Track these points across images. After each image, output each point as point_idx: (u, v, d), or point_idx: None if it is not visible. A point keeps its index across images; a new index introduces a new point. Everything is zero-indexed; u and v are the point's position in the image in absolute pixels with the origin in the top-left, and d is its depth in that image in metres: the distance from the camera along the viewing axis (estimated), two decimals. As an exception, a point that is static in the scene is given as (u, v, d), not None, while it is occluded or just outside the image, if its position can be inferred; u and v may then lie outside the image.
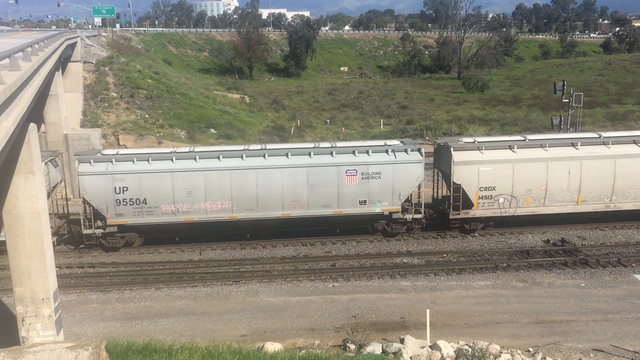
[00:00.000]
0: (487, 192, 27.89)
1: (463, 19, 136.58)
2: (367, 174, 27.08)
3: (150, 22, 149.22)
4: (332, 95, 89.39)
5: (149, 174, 26.07)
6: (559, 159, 28.00)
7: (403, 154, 27.46)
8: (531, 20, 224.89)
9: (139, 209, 26.24)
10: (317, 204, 27.19)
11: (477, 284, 23.52)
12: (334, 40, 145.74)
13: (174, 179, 26.17)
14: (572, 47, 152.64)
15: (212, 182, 26.38)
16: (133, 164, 26.16)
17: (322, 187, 26.98)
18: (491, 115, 67.63)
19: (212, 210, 26.70)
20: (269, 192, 26.75)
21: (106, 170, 25.97)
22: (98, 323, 20.62)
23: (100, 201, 26.15)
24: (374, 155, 27.26)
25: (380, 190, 27.28)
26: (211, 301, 22.34)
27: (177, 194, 26.26)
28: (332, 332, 19.76)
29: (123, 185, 25.96)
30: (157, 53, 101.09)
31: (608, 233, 28.97)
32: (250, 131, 56.99)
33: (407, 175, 27.37)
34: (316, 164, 26.92)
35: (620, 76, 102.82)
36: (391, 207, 27.66)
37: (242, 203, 26.74)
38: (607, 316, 20.64)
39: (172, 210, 26.50)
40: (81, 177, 25.95)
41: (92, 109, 54.43)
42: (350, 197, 27.20)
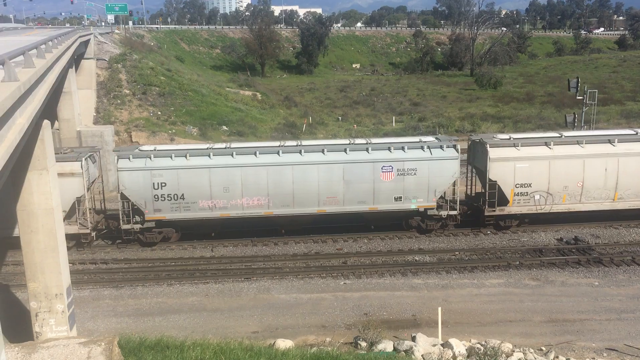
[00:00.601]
0: (523, 189, 27.81)
1: (476, 15, 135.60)
2: (402, 171, 27.10)
3: (162, 20, 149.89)
4: (344, 92, 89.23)
5: (186, 170, 26.29)
6: (596, 155, 27.82)
7: (439, 150, 27.44)
8: (545, 17, 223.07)
9: (177, 204, 26.47)
10: (352, 200, 27.25)
11: (489, 282, 23.39)
12: (346, 37, 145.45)
13: (211, 175, 26.35)
14: (587, 43, 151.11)
15: (249, 178, 26.56)
16: (171, 160, 26.34)
17: (358, 183, 27.03)
18: (504, 112, 67.15)
19: (249, 206, 26.87)
20: (305, 188, 26.85)
21: (145, 166, 26.17)
22: (110, 319, 20.76)
23: (138, 196, 26.36)
24: (409, 152, 27.26)
25: (416, 187, 27.32)
26: (223, 298, 22.41)
27: (215, 190, 26.45)
28: (343, 329, 19.75)
29: (161, 181, 26.19)
30: (169, 50, 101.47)
31: (622, 231, 28.69)
32: (262, 128, 57.06)
33: (443, 172, 27.37)
34: (352, 160, 26.99)
35: (635, 73, 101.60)
36: (426, 204, 27.67)
37: (279, 199, 26.87)
38: (621, 315, 20.44)
39: (209, 206, 26.68)
40: (120, 173, 26.18)
41: (105, 105, 54.76)
42: (385, 193, 27.24)
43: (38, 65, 16.83)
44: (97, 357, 9.15)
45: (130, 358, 10.98)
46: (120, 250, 27.32)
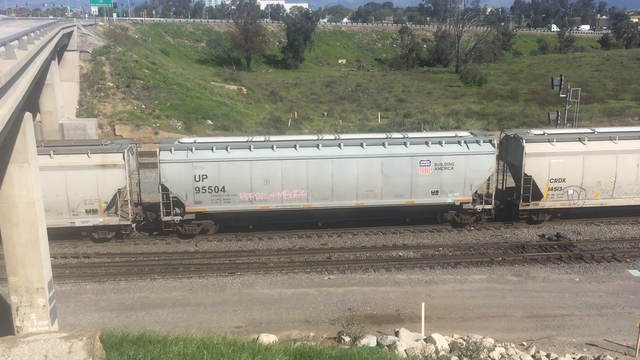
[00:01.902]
0: (557, 183, 28.20)
1: (461, 12, 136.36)
2: (440, 165, 27.28)
3: (147, 12, 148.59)
4: (329, 88, 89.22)
5: (228, 162, 26.31)
6: (629, 151, 28.28)
7: (475, 145, 27.67)
8: (529, 15, 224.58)
9: (217, 196, 26.47)
10: (390, 194, 27.41)
11: (472, 278, 23.58)
12: (332, 32, 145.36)
13: (252, 168, 26.41)
14: (570, 42, 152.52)
15: (289, 171, 26.62)
16: (212, 152, 26.34)
17: (396, 177, 27.19)
18: (488, 109, 67.62)
19: (288, 198, 26.96)
20: (344, 182, 26.98)
21: (186, 158, 26.14)
22: (93, 313, 20.61)
23: (179, 189, 26.33)
24: (447, 146, 27.45)
25: (453, 181, 27.52)
26: (206, 292, 22.34)
27: (255, 183, 26.51)
28: (327, 324, 19.80)
29: (202, 173, 26.15)
30: (154, 43, 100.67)
31: (603, 228, 29.05)
32: (247, 123, 56.88)
33: (479, 166, 27.62)
34: (391, 154, 27.13)
35: (617, 72, 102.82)
36: (462, 198, 27.91)
37: (318, 192, 26.99)
38: (601, 311, 20.72)
39: (249, 199, 26.74)
40: (162, 165, 26.09)
41: (88, 98, 54.23)
42: (423, 187, 27.44)
43: (20, 57, 16.61)
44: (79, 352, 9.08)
45: (112, 353, 10.89)
46: (104, 244, 27.11)
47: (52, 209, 25.56)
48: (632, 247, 26.78)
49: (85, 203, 25.95)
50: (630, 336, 18.60)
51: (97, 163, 25.84)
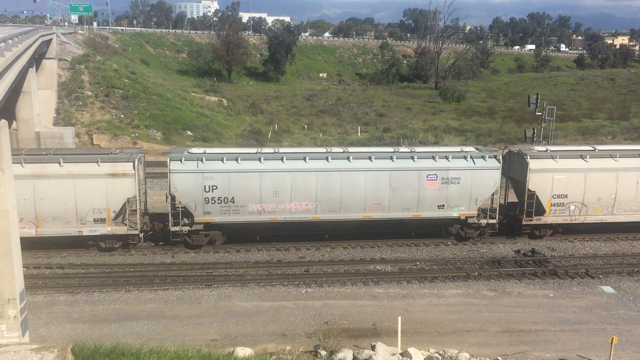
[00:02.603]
0: (560, 199, 28.67)
1: (441, 30, 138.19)
2: (447, 179, 27.59)
3: (128, 22, 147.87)
4: (310, 101, 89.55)
5: (238, 174, 26.29)
6: (629, 169, 28.89)
7: (481, 160, 28.07)
8: (507, 34, 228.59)
9: (226, 207, 26.40)
10: (397, 207, 27.62)
11: (448, 293, 23.70)
12: (314, 46, 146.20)
13: (262, 179, 26.44)
14: (547, 61, 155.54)
15: (298, 183, 26.71)
16: (222, 163, 26.30)
17: (404, 190, 27.41)
18: (467, 125, 68.46)
19: (297, 210, 26.98)
20: (352, 194, 27.10)
21: (197, 169, 26.05)
22: (65, 325, 20.23)
23: (189, 199, 26.18)
24: (453, 161, 27.79)
25: (459, 195, 27.82)
26: (182, 305, 22.11)
27: (264, 194, 26.52)
28: (303, 338, 19.70)
29: (212, 184, 26.07)
30: (134, 53, 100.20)
31: (577, 245, 29.47)
32: (227, 134, 56.77)
33: (485, 181, 27.98)
34: (399, 167, 27.41)
35: (592, 91, 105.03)
36: (467, 212, 28.25)
37: (326, 204, 27.10)
38: (575, 326, 20.97)
39: (258, 210, 26.71)
40: (172, 175, 25.91)
41: (66, 107, 53.68)
42: (429, 201, 27.70)
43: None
44: (50, 364, 8.92)
45: (85, 365, 10.72)
46: (78, 255, 26.70)
47: (60, 217, 25.49)
48: (605, 263, 27.19)
49: (93, 212, 25.70)
50: (603, 352, 18.83)
51: (107, 172, 25.62)
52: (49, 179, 25.03)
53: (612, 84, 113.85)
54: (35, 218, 25.31)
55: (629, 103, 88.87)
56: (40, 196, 25.05)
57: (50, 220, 25.47)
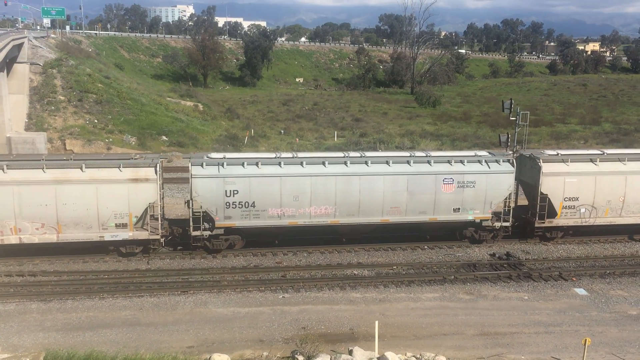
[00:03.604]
0: (571, 202, 29.35)
1: (417, 35, 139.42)
2: (462, 183, 28.10)
3: (102, 26, 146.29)
4: (286, 106, 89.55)
5: (259, 178, 26.51)
6: (637, 172, 29.69)
7: (495, 164, 28.70)
8: (482, 40, 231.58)
9: (247, 212, 26.56)
10: (414, 211, 28.04)
11: (425, 296, 23.83)
12: (290, 51, 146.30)
13: (282, 184, 26.66)
14: (520, 67, 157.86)
15: (318, 187, 26.98)
16: (243, 168, 26.50)
17: (421, 194, 27.85)
18: (442, 130, 69.11)
19: (316, 214, 27.24)
20: (371, 198, 27.42)
21: (218, 174, 26.20)
22: (38, 334, 19.84)
23: (210, 203, 26.32)
24: (469, 165, 28.36)
25: (474, 199, 28.36)
26: (158, 311, 21.84)
27: (285, 198, 26.71)
28: (281, 343, 19.62)
29: (234, 189, 26.23)
30: (108, 57, 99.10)
31: (550, 248, 29.90)
32: (203, 139, 56.41)
33: (499, 185, 28.57)
34: (416, 172, 27.85)
35: (564, 96, 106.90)
36: (482, 215, 28.82)
37: (345, 208, 27.37)
38: (549, 328, 21.24)
39: (278, 214, 26.92)
40: (194, 180, 26.06)
41: (38, 112, 52.82)
42: (445, 204, 28.16)
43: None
44: (21, 374, 8.74)
45: (57, 374, 10.54)
46: (50, 262, 26.24)
47: (82, 222, 25.32)
48: (577, 266, 27.63)
49: (115, 217, 25.57)
50: (576, 353, 19.10)
51: (129, 177, 25.52)
52: (71, 185, 24.98)
53: (584, 90, 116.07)
54: (56, 223, 25.16)
55: (601, 108, 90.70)
56: (62, 201, 24.91)
57: (72, 226, 25.34)
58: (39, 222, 24.93)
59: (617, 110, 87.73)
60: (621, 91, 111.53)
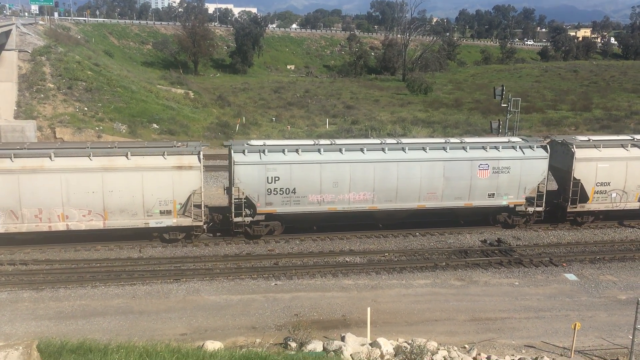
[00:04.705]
0: (603, 187, 30.03)
1: (408, 22, 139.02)
2: (497, 169, 28.68)
3: (90, 12, 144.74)
4: (278, 93, 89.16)
5: (299, 165, 26.94)
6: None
7: (529, 150, 29.28)
8: (473, 26, 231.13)
9: (288, 198, 27.03)
10: (450, 196, 28.59)
11: (417, 283, 23.99)
12: (281, 38, 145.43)
13: (322, 170, 27.11)
14: (512, 53, 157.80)
15: (357, 173, 27.48)
16: (284, 155, 26.96)
17: (457, 180, 28.38)
18: (434, 117, 69.13)
19: (355, 200, 27.70)
20: (408, 184, 27.97)
21: (260, 160, 26.68)
22: (30, 322, 19.83)
23: (252, 190, 26.80)
24: (504, 151, 28.91)
25: (509, 184, 28.97)
26: (150, 300, 21.88)
27: (324, 185, 27.20)
28: (273, 330, 19.72)
29: (275, 175, 26.65)
30: (97, 44, 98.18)
31: (541, 234, 30.12)
32: (194, 127, 56.18)
33: (533, 170, 29.13)
34: (452, 158, 28.36)
35: (555, 83, 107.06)
36: (516, 200, 29.44)
37: (383, 194, 27.87)
38: (539, 314, 21.46)
39: (317, 200, 27.38)
40: (237, 167, 26.52)
41: (27, 99, 52.34)
42: (481, 190, 28.73)
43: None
44: (14, 362, 8.75)
45: (50, 362, 10.54)
46: (42, 250, 26.16)
47: (127, 209, 25.63)
48: (568, 251, 27.88)
49: (160, 204, 25.92)
50: (566, 337, 19.33)
51: (173, 164, 25.87)
52: (117, 172, 25.31)
53: (575, 76, 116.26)
54: (103, 210, 25.51)
55: (591, 94, 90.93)
56: (108, 189, 25.25)
57: (118, 213, 25.65)
58: (86, 209, 25.36)
59: (608, 97, 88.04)
60: (612, 77, 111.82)
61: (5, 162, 24.62)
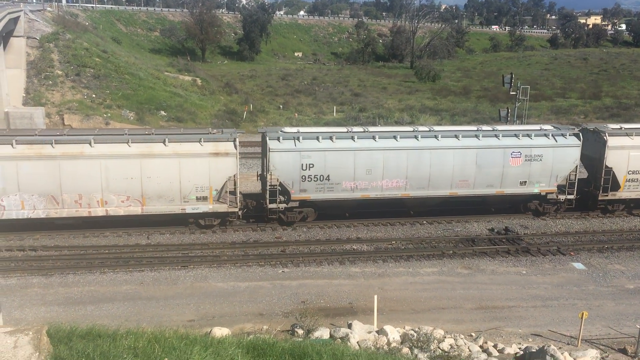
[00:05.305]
0: (635, 175, 30.08)
1: (417, 8, 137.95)
2: (530, 156, 28.75)
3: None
4: (285, 81, 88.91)
5: (333, 152, 27.13)
6: None
7: (562, 138, 29.33)
8: (482, 13, 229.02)
9: (322, 185, 27.26)
10: (482, 184, 28.69)
11: (423, 271, 24.01)
12: (289, 25, 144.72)
13: (356, 157, 27.32)
14: (521, 41, 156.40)
15: (390, 161, 27.63)
16: (318, 142, 27.11)
17: (489, 167, 28.47)
18: (442, 105, 68.79)
19: (388, 187, 27.89)
20: (441, 172, 28.10)
21: (295, 147, 26.87)
22: (39, 308, 20.02)
23: (287, 177, 27.04)
24: (536, 139, 28.96)
25: (541, 172, 29.04)
26: (158, 286, 22.02)
27: (358, 172, 27.41)
28: (280, 317, 19.82)
29: (309, 162, 26.91)
30: (105, 31, 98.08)
31: (549, 222, 30.02)
32: (201, 114, 56.18)
33: (566, 158, 29.22)
34: (485, 145, 28.40)
35: (565, 71, 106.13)
36: (548, 188, 29.50)
37: (415, 181, 28.06)
38: (546, 302, 21.45)
39: (351, 187, 27.62)
40: (272, 154, 26.73)
41: (36, 86, 52.48)
42: (512, 177, 28.83)
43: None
44: (24, 347, 8.82)
45: (60, 347, 10.61)
46: (51, 237, 26.34)
47: (164, 195, 25.98)
48: (576, 240, 27.79)
49: (196, 190, 26.22)
50: (573, 326, 19.32)
51: (210, 151, 26.14)
52: (155, 158, 25.61)
53: (584, 64, 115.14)
54: (141, 196, 25.83)
55: (601, 82, 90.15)
56: (147, 175, 25.57)
57: (155, 199, 25.98)
58: (125, 195, 25.71)
59: (618, 85, 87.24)
60: (622, 65, 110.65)
61: (47, 148, 24.96)
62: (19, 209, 25.03)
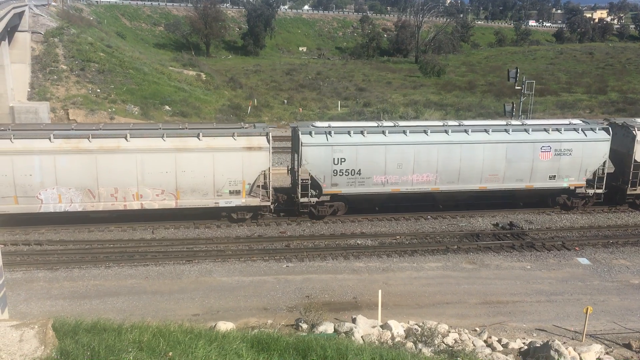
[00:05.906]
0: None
1: (421, 3, 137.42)
2: (559, 151, 28.95)
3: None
4: (290, 76, 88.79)
5: (365, 146, 27.34)
6: None
7: (591, 132, 29.41)
8: (487, 7, 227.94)
9: (353, 179, 27.52)
10: (511, 178, 28.91)
11: (428, 266, 24.00)
12: (293, 19, 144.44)
13: (387, 152, 27.52)
14: (526, 35, 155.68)
15: (421, 155, 27.83)
16: (350, 137, 27.33)
17: (518, 162, 28.70)
18: (447, 100, 68.57)
19: (418, 182, 28.16)
20: (470, 166, 28.30)
21: (327, 142, 27.12)
22: (45, 302, 20.12)
23: (318, 171, 27.28)
24: (565, 133, 29.09)
25: (570, 166, 29.23)
26: (163, 280, 22.09)
27: (389, 166, 27.63)
28: (285, 311, 19.86)
29: (341, 157, 27.15)
30: (109, 26, 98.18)
31: (554, 217, 29.95)
32: (206, 109, 56.21)
33: (595, 152, 29.33)
34: (514, 140, 28.58)
35: (570, 65, 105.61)
36: (577, 182, 29.68)
37: (445, 176, 28.26)
38: (551, 297, 21.41)
39: (382, 181, 27.83)
40: (304, 148, 26.95)
41: (41, 81, 52.58)
42: (542, 172, 29.03)
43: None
44: (30, 340, 8.86)
45: (65, 341, 10.66)
46: (56, 231, 26.44)
47: (198, 189, 26.23)
48: (581, 236, 27.72)
49: (229, 184, 26.45)
50: (578, 321, 19.30)
51: (243, 145, 26.33)
52: (189, 152, 25.85)
53: (590, 58, 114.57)
54: (175, 190, 26.07)
55: (607, 77, 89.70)
56: (181, 169, 25.80)
57: (189, 192, 26.21)
58: (159, 189, 25.96)
59: (624, 79, 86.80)
60: (628, 60, 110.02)
61: (84, 142, 25.16)
62: (56, 202, 25.32)
